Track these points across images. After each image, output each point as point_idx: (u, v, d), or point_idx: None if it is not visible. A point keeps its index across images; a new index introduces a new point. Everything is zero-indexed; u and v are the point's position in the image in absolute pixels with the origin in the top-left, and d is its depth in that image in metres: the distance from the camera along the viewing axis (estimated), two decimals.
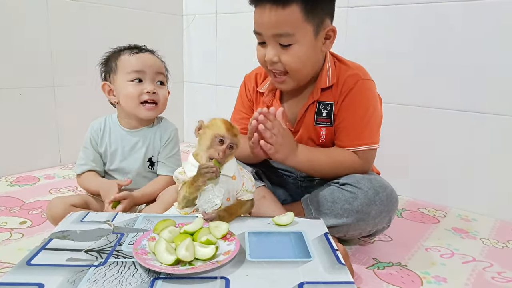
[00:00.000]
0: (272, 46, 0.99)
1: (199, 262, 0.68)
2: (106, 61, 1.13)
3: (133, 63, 1.08)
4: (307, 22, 0.95)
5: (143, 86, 1.08)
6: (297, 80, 1.03)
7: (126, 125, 1.13)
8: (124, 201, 1.00)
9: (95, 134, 1.12)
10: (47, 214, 1.02)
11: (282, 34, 0.96)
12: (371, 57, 1.49)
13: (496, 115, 1.32)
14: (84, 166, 1.11)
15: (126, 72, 1.08)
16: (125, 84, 1.08)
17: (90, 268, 0.67)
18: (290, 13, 0.93)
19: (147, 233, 0.77)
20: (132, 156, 1.12)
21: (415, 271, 0.99)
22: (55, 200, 1.03)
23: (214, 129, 0.85)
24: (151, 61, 1.11)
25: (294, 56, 0.97)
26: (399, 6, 1.45)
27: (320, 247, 0.77)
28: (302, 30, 0.95)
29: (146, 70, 1.09)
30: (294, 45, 0.97)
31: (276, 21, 0.95)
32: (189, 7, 2.18)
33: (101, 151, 1.12)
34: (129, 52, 1.11)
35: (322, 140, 1.08)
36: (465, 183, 1.41)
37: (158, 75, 1.12)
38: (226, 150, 0.84)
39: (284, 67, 1.00)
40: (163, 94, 1.12)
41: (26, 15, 1.58)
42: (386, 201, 0.96)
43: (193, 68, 2.24)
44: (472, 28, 1.32)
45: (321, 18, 0.97)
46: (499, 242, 1.18)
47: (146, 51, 1.14)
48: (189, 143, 2.26)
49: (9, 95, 1.58)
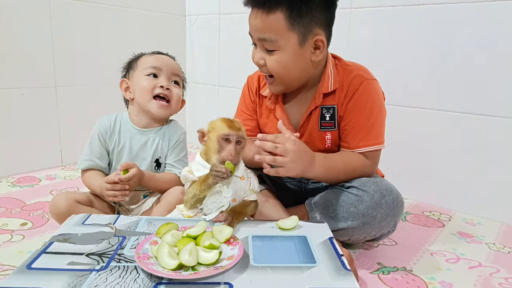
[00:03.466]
0: (259, 49, 1.00)
1: (202, 267, 0.67)
2: (129, 63, 1.17)
3: (151, 60, 1.13)
4: (291, 30, 0.94)
5: (157, 81, 1.11)
6: (284, 84, 1.03)
7: (137, 123, 1.14)
8: (132, 169, 1.00)
9: (103, 130, 1.11)
10: (50, 210, 1.01)
11: (265, 39, 0.96)
12: (374, 58, 1.48)
13: (501, 117, 1.31)
14: (87, 161, 1.10)
15: (143, 68, 1.12)
16: (141, 78, 1.11)
17: (91, 272, 0.66)
18: (274, 20, 0.93)
19: (149, 236, 0.76)
20: (140, 156, 1.12)
21: (421, 276, 0.97)
22: (59, 195, 1.02)
23: (217, 130, 0.85)
24: (170, 62, 1.15)
25: (276, 62, 0.97)
26: (402, 7, 1.44)
27: (325, 252, 0.76)
28: (285, 38, 0.94)
29: (163, 68, 1.12)
30: (278, 51, 0.96)
31: (261, 26, 0.95)
32: (192, 7, 2.17)
33: (110, 148, 1.12)
34: (150, 53, 1.16)
35: (328, 145, 1.07)
36: (470, 186, 1.40)
37: (174, 76, 1.15)
38: (236, 146, 0.84)
39: (268, 71, 1.00)
40: (177, 93, 1.14)
41: (28, 16, 1.57)
42: (392, 204, 0.95)
43: (196, 69, 2.23)
44: (476, 30, 1.31)
45: (309, 28, 0.95)
46: (505, 246, 1.16)
47: (167, 55, 1.18)
48: (191, 144, 2.25)
49: (11, 95, 1.58)
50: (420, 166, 1.49)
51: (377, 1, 1.49)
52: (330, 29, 1.00)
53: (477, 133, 1.36)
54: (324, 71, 1.04)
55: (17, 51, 1.57)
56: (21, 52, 1.58)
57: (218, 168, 0.81)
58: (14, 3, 1.53)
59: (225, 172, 0.80)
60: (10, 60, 1.55)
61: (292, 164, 0.87)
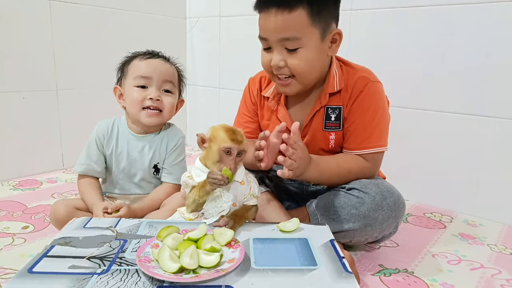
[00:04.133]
0: (279, 51, 0.97)
1: (204, 270, 0.67)
2: (122, 66, 1.13)
3: (141, 68, 1.07)
4: (314, 25, 0.94)
5: (147, 92, 1.07)
6: (303, 84, 1.02)
7: (133, 129, 1.13)
8: (121, 210, 0.98)
9: (101, 135, 1.11)
10: (51, 216, 1.01)
11: (288, 38, 0.95)
12: (375, 60, 1.47)
13: (503, 118, 1.30)
14: (83, 165, 1.09)
15: (133, 77, 1.07)
16: (131, 89, 1.07)
17: (92, 276, 0.66)
18: (296, 16, 0.93)
19: (150, 240, 0.76)
20: (138, 161, 1.11)
21: (422, 278, 0.97)
22: (58, 202, 1.02)
23: (219, 142, 0.84)
24: (161, 68, 1.09)
25: (301, 60, 0.96)
26: (402, 9, 1.44)
27: (326, 255, 0.75)
28: (308, 34, 0.95)
29: (153, 76, 1.07)
30: (301, 49, 0.96)
31: (283, 25, 0.94)
32: (192, 10, 2.17)
33: (107, 153, 1.11)
34: (141, 57, 1.10)
35: (331, 145, 1.07)
36: (471, 187, 1.39)
37: (166, 83, 1.09)
38: (236, 158, 0.84)
39: (290, 71, 0.98)
40: (169, 101, 1.10)
41: (29, 19, 1.58)
42: (394, 206, 0.94)
43: (196, 71, 2.24)
44: (477, 31, 1.31)
45: (327, 22, 0.96)
46: (507, 248, 1.16)
47: (159, 57, 1.12)
48: (192, 146, 2.25)
49: (13, 98, 1.58)
50: (421, 167, 1.48)
51: (377, 3, 1.49)
52: (338, 23, 1.01)
53: (478, 134, 1.35)
54: (329, 71, 1.04)
55: (18, 54, 1.57)
56: (22, 55, 1.58)
57: (215, 175, 0.81)
58: (15, 7, 1.53)
59: (222, 179, 0.80)
60: (11, 63, 1.55)
61: (300, 161, 0.88)
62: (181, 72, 1.17)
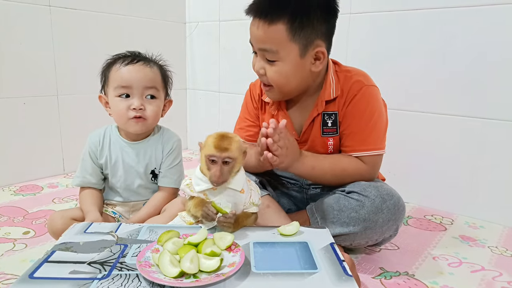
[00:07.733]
0: (260, 59, 1.00)
1: (204, 275, 0.67)
2: (103, 72, 1.09)
3: (121, 77, 1.03)
4: (293, 41, 0.94)
5: (130, 102, 1.04)
6: (282, 93, 1.04)
7: (125, 136, 1.11)
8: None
9: (93, 146, 1.10)
10: (48, 228, 1.02)
11: (266, 49, 0.97)
12: (374, 63, 1.48)
13: (503, 120, 1.31)
14: (79, 178, 1.09)
15: (114, 87, 1.04)
16: (114, 100, 1.05)
17: (93, 281, 0.66)
18: (275, 30, 0.94)
19: (151, 244, 0.76)
20: (134, 168, 1.09)
21: (423, 281, 0.97)
22: (55, 214, 1.01)
23: (206, 150, 0.84)
24: (141, 74, 1.04)
25: (276, 72, 0.98)
26: (401, 12, 1.45)
27: (326, 258, 0.76)
28: (287, 49, 0.95)
29: (134, 84, 1.03)
30: (278, 61, 0.97)
31: (262, 36, 0.96)
32: (192, 15, 2.18)
33: (101, 162, 1.10)
34: (121, 62, 1.05)
35: (330, 150, 1.08)
36: (471, 189, 1.39)
37: (148, 89, 1.05)
38: (224, 167, 0.83)
39: (268, 80, 1.01)
40: (152, 109, 1.06)
41: (29, 24, 1.59)
42: (394, 209, 0.95)
43: (196, 75, 2.24)
44: (475, 34, 1.31)
45: (310, 39, 0.95)
46: (507, 250, 1.16)
47: (140, 60, 1.07)
48: (192, 150, 2.26)
49: (13, 104, 1.59)
50: (422, 169, 1.48)
51: (376, 6, 1.50)
52: (330, 40, 1.01)
53: (479, 136, 1.36)
54: (326, 78, 1.05)
55: (19, 60, 1.58)
56: (23, 61, 1.59)
57: (208, 211, 0.82)
58: (16, 12, 1.54)
59: (212, 216, 0.82)
60: (11, 69, 1.56)
61: (284, 157, 0.91)
62: (165, 71, 1.12)
